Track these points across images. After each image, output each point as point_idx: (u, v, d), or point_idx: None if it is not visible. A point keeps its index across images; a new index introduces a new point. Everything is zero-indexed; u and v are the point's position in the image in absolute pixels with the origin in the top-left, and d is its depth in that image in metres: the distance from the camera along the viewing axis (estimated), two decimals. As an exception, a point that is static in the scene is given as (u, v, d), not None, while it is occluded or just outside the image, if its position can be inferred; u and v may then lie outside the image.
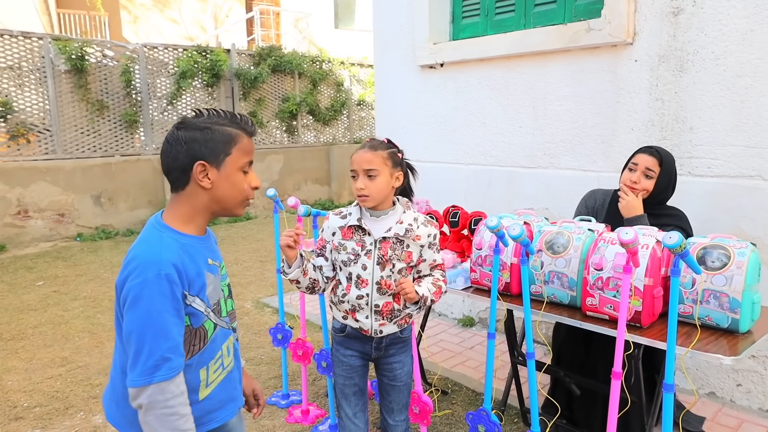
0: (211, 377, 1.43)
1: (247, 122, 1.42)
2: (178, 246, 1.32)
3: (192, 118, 1.38)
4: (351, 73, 10.68)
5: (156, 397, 1.24)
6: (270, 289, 5.24)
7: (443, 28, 4.23)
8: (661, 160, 2.50)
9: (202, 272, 1.36)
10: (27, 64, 7.07)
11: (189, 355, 1.35)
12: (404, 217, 1.92)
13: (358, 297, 1.90)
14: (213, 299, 1.40)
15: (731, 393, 3.02)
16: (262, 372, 3.51)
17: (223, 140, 1.36)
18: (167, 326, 1.26)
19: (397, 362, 2.02)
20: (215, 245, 1.51)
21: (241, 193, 1.41)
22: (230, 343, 1.50)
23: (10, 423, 2.97)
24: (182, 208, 1.38)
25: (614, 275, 2.03)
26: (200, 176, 1.34)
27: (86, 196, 7.48)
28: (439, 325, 4.28)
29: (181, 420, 1.28)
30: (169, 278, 1.26)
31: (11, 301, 4.94)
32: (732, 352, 1.85)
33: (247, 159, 1.40)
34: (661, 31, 3.04)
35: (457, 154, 4.21)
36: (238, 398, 1.56)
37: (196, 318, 1.35)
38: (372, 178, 1.84)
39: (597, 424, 2.56)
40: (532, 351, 2.15)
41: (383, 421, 2.10)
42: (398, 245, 1.89)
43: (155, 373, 1.24)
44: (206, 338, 1.39)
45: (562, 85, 3.51)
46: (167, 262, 1.27)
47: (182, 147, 1.33)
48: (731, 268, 1.96)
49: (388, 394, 2.06)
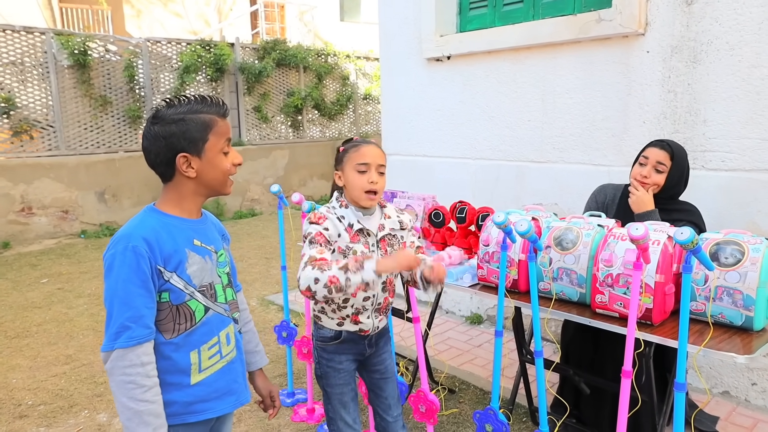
0: (204, 363, 1.43)
1: (219, 104, 1.45)
2: (159, 224, 1.39)
3: (164, 109, 1.40)
4: (357, 66, 10.61)
5: (116, 363, 1.29)
6: (275, 286, 5.21)
7: (450, 20, 4.17)
8: (672, 153, 2.45)
9: (180, 250, 1.39)
10: (29, 59, 7.05)
11: (174, 333, 1.39)
12: (387, 211, 1.92)
13: (364, 299, 1.85)
14: (199, 279, 1.42)
15: (746, 392, 2.96)
16: (266, 370, 3.46)
17: (199, 128, 1.39)
18: (131, 296, 1.31)
19: (386, 353, 2.03)
20: (213, 231, 1.54)
21: (225, 173, 1.46)
22: (230, 332, 1.51)
23: (15, 421, 2.96)
24: (170, 195, 1.45)
25: (624, 272, 1.99)
26: (184, 167, 1.40)
27: (90, 193, 7.47)
28: (446, 322, 4.23)
29: (138, 390, 1.30)
30: (136, 250, 1.31)
31: (15, 299, 4.93)
32: (746, 350, 1.80)
33: (224, 139, 1.44)
34: (674, 21, 2.97)
35: (464, 148, 4.15)
36: (240, 393, 1.54)
37: (175, 295, 1.38)
38: (382, 175, 1.84)
39: (606, 423, 2.52)
40: (541, 349, 2.12)
41: (381, 421, 2.04)
42: (393, 240, 1.89)
43: (116, 339, 1.29)
44: (194, 318, 1.41)
45: (572, 78, 3.45)
46: (137, 236, 1.33)
47: (161, 142, 1.38)
48: (745, 264, 1.91)
49: (382, 390, 2.02)
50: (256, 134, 9.35)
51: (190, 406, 1.41)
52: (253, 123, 9.30)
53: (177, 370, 1.39)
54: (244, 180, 9.00)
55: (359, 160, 1.80)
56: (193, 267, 1.41)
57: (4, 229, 6.81)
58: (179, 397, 1.40)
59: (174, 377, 1.39)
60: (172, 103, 1.41)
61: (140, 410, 1.30)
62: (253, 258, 6.26)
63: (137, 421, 1.30)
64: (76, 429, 2.87)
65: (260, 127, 9.41)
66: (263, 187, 9.22)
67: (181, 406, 1.40)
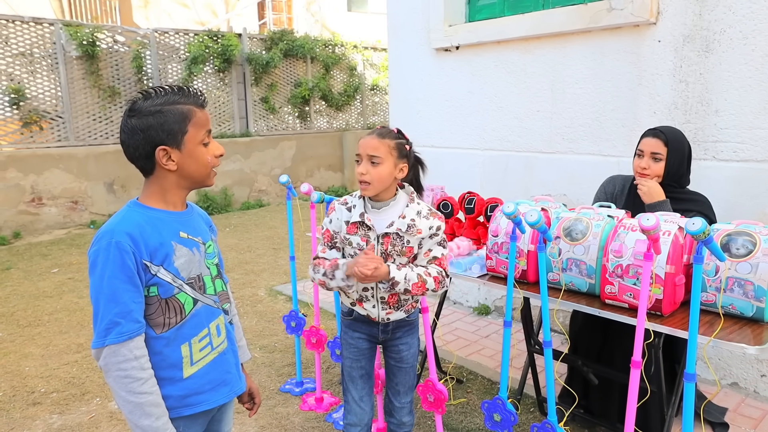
0: (196, 355, 1.43)
1: (196, 94, 1.43)
2: (143, 218, 1.37)
3: (141, 101, 1.37)
4: (364, 57, 10.56)
5: (109, 359, 1.30)
6: (283, 276, 5.23)
7: (459, 10, 4.14)
8: (666, 140, 2.43)
9: (166, 243, 1.38)
10: (39, 50, 7.07)
11: (165, 328, 1.38)
12: (407, 211, 1.88)
13: (364, 289, 1.93)
14: (187, 272, 1.41)
15: (755, 383, 2.96)
16: (275, 360, 3.50)
17: (177, 120, 1.37)
18: (117, 292, 1.30)
19: (403, 344, 2.05)
20: (200, 223, 1.52)
21: (206, 166, 1.44)
22: (220, 323, 1.50)
23: (28, 408, 3.00)
24: (152, 188, 1.43)
25: (634, 262, 1.98)
26: (164, 161, 1.37)
27: (99, 184, 7.51)
28: (454, 313, 4.24)
29: (136, 383, 1.31)
30: (119, 246, 1.30)
31: (27, 288, 4.99)
32: (756, 341, 1.79)
33: (204, 131, 1.42)
34: (686, 9, 2.94)
35: (472, 139, 4.13)
36: (234, 383, 1.54)
37: (164, 288, 1.37)
38: (375, 165, 1.82)
39: (615, 413, 2.53)
40: (549, 339, 2.12)
41: (389, 403, 2.13)
42: (398, 240, 1.87)
43: (106, 336, 1.29)
44: (183, 312, 1.40)
45: (582, 68, 3.42)
46: (120, 231, 1.32)
47: (140, 136, 1.35)
48: (757, 255, 1.90)
49: (394, 375, 2.09)
50: (263, 125, 9.35)
51: (185, 399, 1.42)
52: (261, 114, 9.29)
53: (169, 364, 1.39)
54: (252, 171, 9.02)
55: (356, 152, 1.88)
56: (181, 259, 1.39)
57: (15, 219, 6.87)
58: (173, 391, 1.40)
59: (166, 372, 1.39)
60: (149, 94, 1.38)
61: (140, 402, 1.31)
62: (261, 248, 6.28)
63: (139, 413, 1.31)
64: (89, 416, 2.91)
65: (267, 118, 9.40)
66: (270, 177, 9.23)
67: (175, 400, 1.40)
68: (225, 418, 1.62)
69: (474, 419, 2.80)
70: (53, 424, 2.85)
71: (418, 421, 2.77)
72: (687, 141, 2.51)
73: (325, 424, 2.80)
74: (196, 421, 1.47)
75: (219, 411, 1.57)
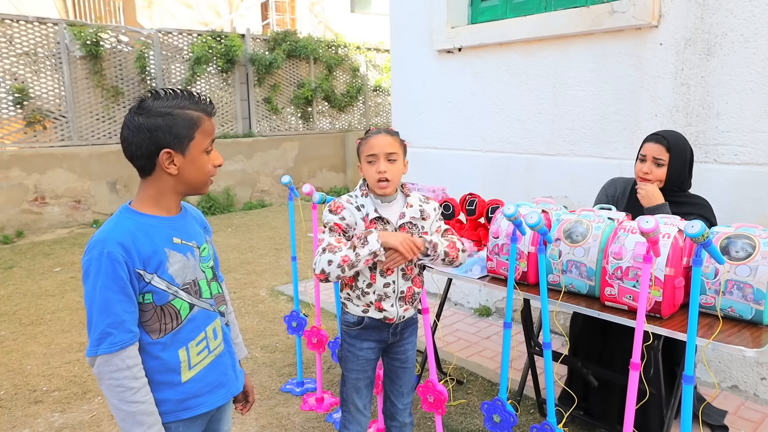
0: (194, 359, 1.43)
1: (206, 102, 1.42)
2: (136, 226, 1.36)
3: (151, 100, 1.36)
4: (367, 58, 10.58)
5: (102, 368, 1.30)
6: (285, 276, 5.25)
7: (461, 12, 4.15)
8: (668, 145, 2.43)
9: (160, 250, 1.36)
10: (42, 50, 7.10)
11: (161, 333, 1.38)
12: (411, 200, 1.95)
13: (385, 285, 1.91)
14: (181, 278, 1.40)
15: (755, 386, 2.96)
16: (276, 360, 3.52)
17: (186, 125, 1.36)
18: (109, 302, 1.29)
19: (409, 343, 2.06)
20: (194, 226, 1.51)
21: (206, 174, 1.44)
22: (217, 326, 1.50)
23: (30, 406, 3.01)
24: (148, 192, 1.41)
25: (634, 265, 1.98)
26: (166, 164, 1.36)
27: (102, 183, 7.54)
28: (455, 314, 4.25)
29: (128, 392, 1.31)
30: (111, 256, 1.29)
31: (30, 287, 5.01)
32: (755, 344, 1.80)
33: (209, 140, 1.42)
34: (688, 13, 2.94)
35: (474, 140, 4.14)
36: (231, 384, 1.55)
37: (159, 296, 1.36)
38: (392, 162, 1.87)
39: (614, 415, 2.53)
40: (549, 341, 2.12)
41: (390, 406, 2.11)
42: (413, 228, 1.92)
43: (99, 345, 1.29)
44: (179, 317, 1.40)
45: (584, 70, 3.43)
46: (112, 241, 1.31)
47: (145, 135, 1.33)
48: (756, 258, 1.90)
49: (399, 377, 2.08)
50: (266, 125, 9.37)
51: (183, 402, 1.42)
52: (264, 114, 9.31)
53: (167, 369, 1.38)
54: (254, 171, 9.04)
55: (368, 152, 1.88)
56: (175, 266, 1.38)
57: (18, 218, 6.89)
58: (171, 395, 1.40)
59: (165, 376, 1.39)
60: (159, 95, 1.36)
61: (132, 411, 1.31)
62: (263, 249, 6.30)
63: (131, 421, 1.32)
64: (90, 415, 2.92)
65: (270, 119, 9.43)
66: (273, 178, 9.25)
67: (173, 404, 1.40)
68: (224, 417, 1.63)
69: (474, 420, 2.80)
70: (55, 422, 2.87)
71: (418, 421, 2.78)
72: (689, 146, 2.51)
73: (326, 424, 2.81)
74: (195, 422, 1.48)
75: (218, 411, 1.57)
